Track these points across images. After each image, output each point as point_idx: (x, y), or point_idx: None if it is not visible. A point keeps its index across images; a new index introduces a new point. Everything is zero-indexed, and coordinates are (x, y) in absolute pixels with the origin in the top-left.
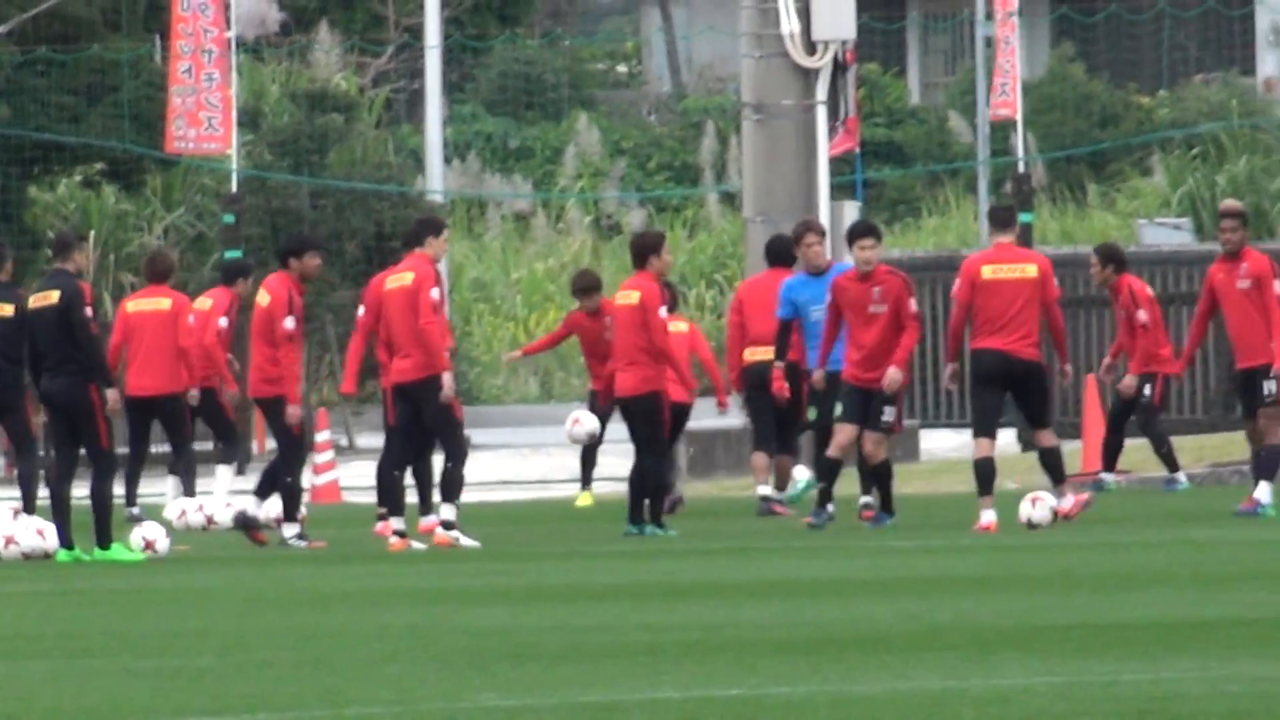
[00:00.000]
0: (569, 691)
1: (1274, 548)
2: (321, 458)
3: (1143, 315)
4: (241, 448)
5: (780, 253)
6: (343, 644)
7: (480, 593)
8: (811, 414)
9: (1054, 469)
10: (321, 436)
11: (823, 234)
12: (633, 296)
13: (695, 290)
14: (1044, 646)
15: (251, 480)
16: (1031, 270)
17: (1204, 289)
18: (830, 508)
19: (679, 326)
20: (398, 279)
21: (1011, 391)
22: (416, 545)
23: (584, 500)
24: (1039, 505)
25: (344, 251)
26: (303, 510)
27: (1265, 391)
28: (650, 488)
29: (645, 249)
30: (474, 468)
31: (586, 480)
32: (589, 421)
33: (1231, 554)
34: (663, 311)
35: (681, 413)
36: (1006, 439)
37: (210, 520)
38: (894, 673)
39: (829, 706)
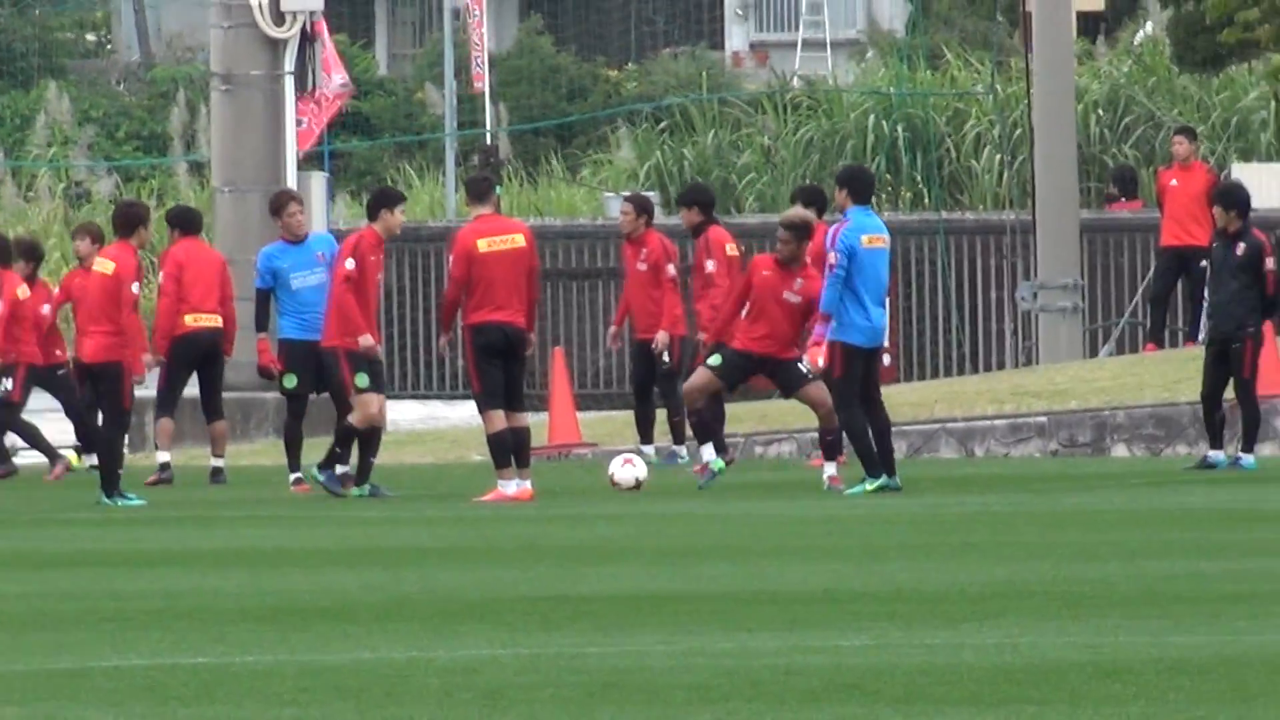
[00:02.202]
0: (37, 658)
1: (736, 522)
2: None
3: (671, 269)
4: None
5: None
6: None
7: None
8: (289, 382)
9: (522, 450)
10: None
11: (302, 203)
12: (108, 266)
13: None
14: (509, 618)
15: None
16: (521, 240)
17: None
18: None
19: None
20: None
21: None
22: None
23: None
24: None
25: None
26: None
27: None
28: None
29: (133, 220)
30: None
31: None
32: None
33: (695, 527)
34: (136, 287)
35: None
36: (471, 410)
37: None
38: (359, 643)
39: (295, 676)
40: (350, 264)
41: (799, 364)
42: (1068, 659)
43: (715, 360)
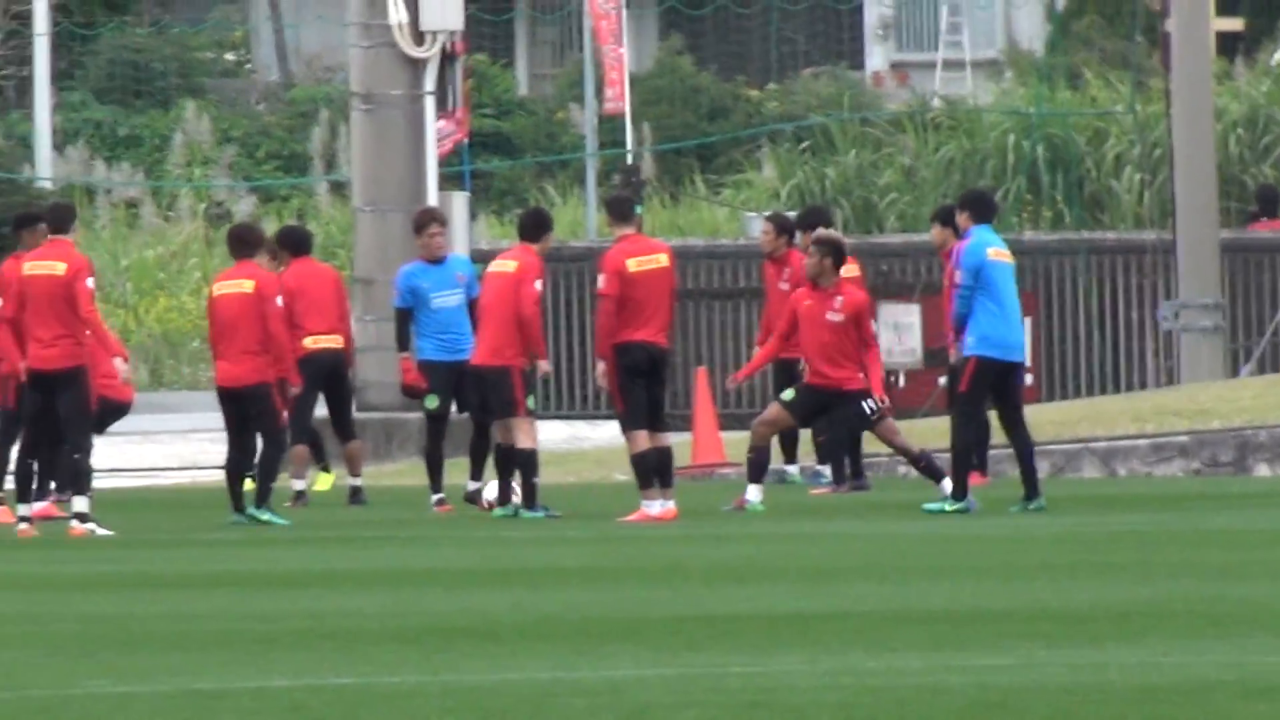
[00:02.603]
0: (179, 679)
1: (882, 541)
2: None
3: None
4: None
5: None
6: None
7: (91, 580)
8: (431, 403)
9: (665, 470)
10: None
11: (445, 223)
12: (247, 286)
13: None
14: (654, 638)
15: None
16: (665, 260)
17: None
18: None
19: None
20: (45, 266)
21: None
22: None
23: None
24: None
25: None
26: None
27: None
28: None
29: (255, 242)
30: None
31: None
32: None
33: (839, 547)
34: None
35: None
36: (615, 431)
37: None
38: (503, 663)
39: (439, 695)
40: (539, 285)
41: (865, 403)
42: (1213, 678)
43: (789, 395)
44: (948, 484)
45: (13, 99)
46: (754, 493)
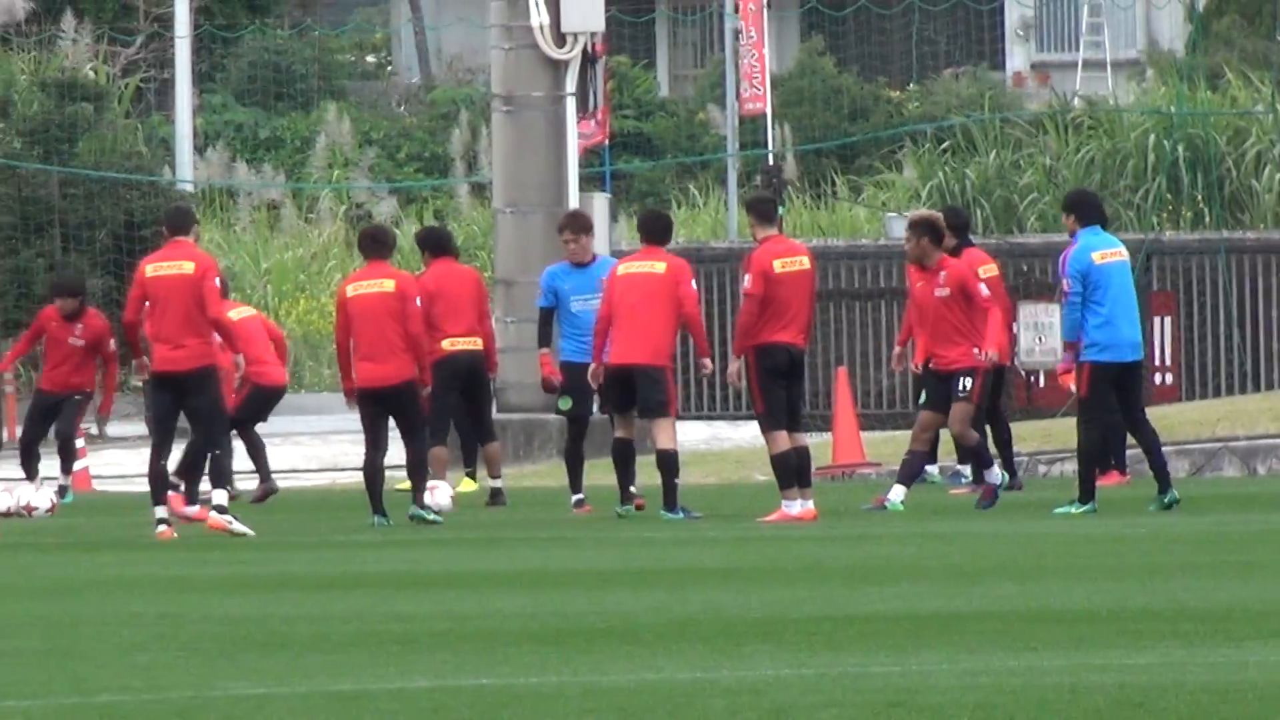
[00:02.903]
0: (319, 680)
1: (1021, 541)
2: None
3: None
4: None
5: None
6: (92, 632)
7: (230, 581)
8: (565, 404)
9: (805, 470)
10: None
11: (585, 230)
12: (389, 285)
13: None
14: (794, 638)
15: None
16: (807, 262)
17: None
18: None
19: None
20: (174, 266)
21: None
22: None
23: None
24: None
25: (94, 240)
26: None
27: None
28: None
29: (391, 243)
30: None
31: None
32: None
33: (979, 547)
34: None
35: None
36: (754, 431)
37: None
38: (643, 663)
39: (579, 697)
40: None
41: (963, 379)
42: None
43: (924, 398)
44: (995, 473)
45: (153, 102)
46: (897, 493)
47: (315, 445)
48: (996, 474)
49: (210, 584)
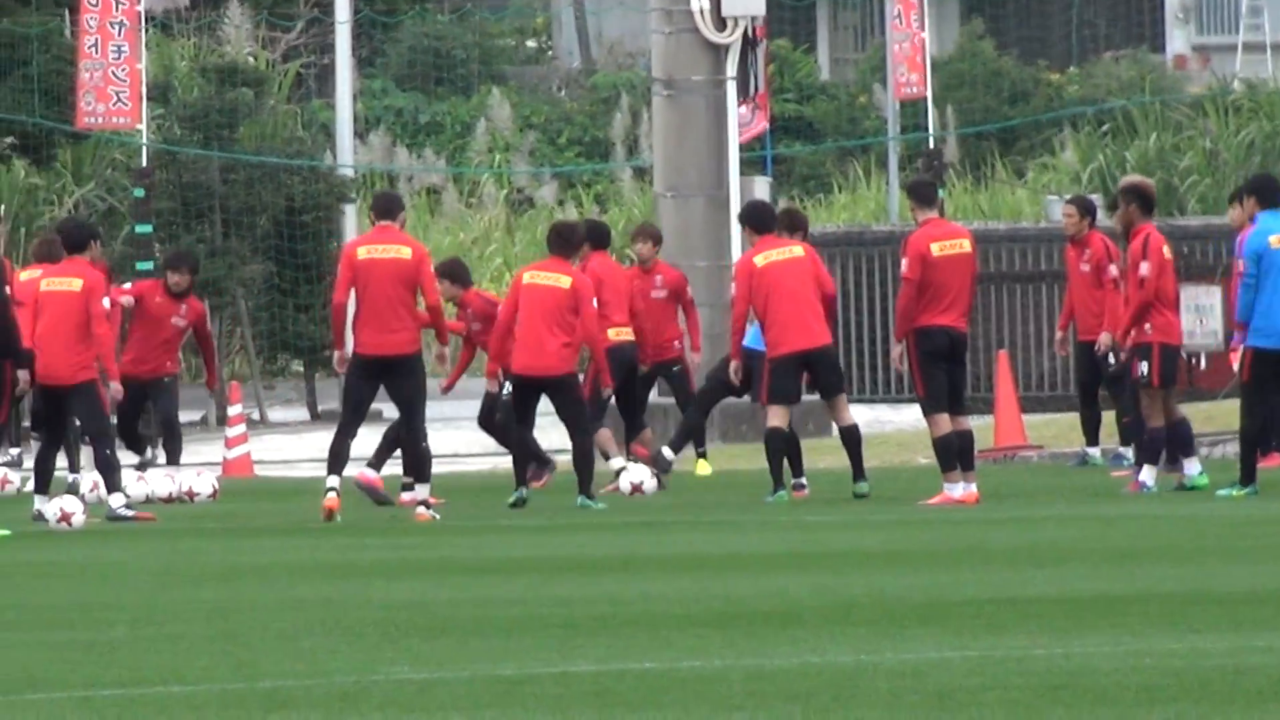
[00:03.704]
0: (482, 665)
1: (1182, 523)
2: (233, 431)
3: (1114, 270)
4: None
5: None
6: (255, 617)
7: (393, 566)
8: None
9: (967, 453)
10: (233, 410)
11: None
12: (564, 281)
13: None
14: (956, 621)
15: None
16: (967, 245)
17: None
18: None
19: None
20: (390, 250)
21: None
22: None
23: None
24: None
25: (254, 226)
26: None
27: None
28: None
29: (580, 240)
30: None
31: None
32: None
33: (1141, 529)
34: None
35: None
36: (916, 415)
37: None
38: (807, 646)
39: (743, 680)
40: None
41: (1140, 363)
42: None
43: (1144, 370)
44: (1191, 464)
45: (313, 87)
46: (1148, 475)
47: (477, 430)
48: (1150, 476)
49: (373, 569)
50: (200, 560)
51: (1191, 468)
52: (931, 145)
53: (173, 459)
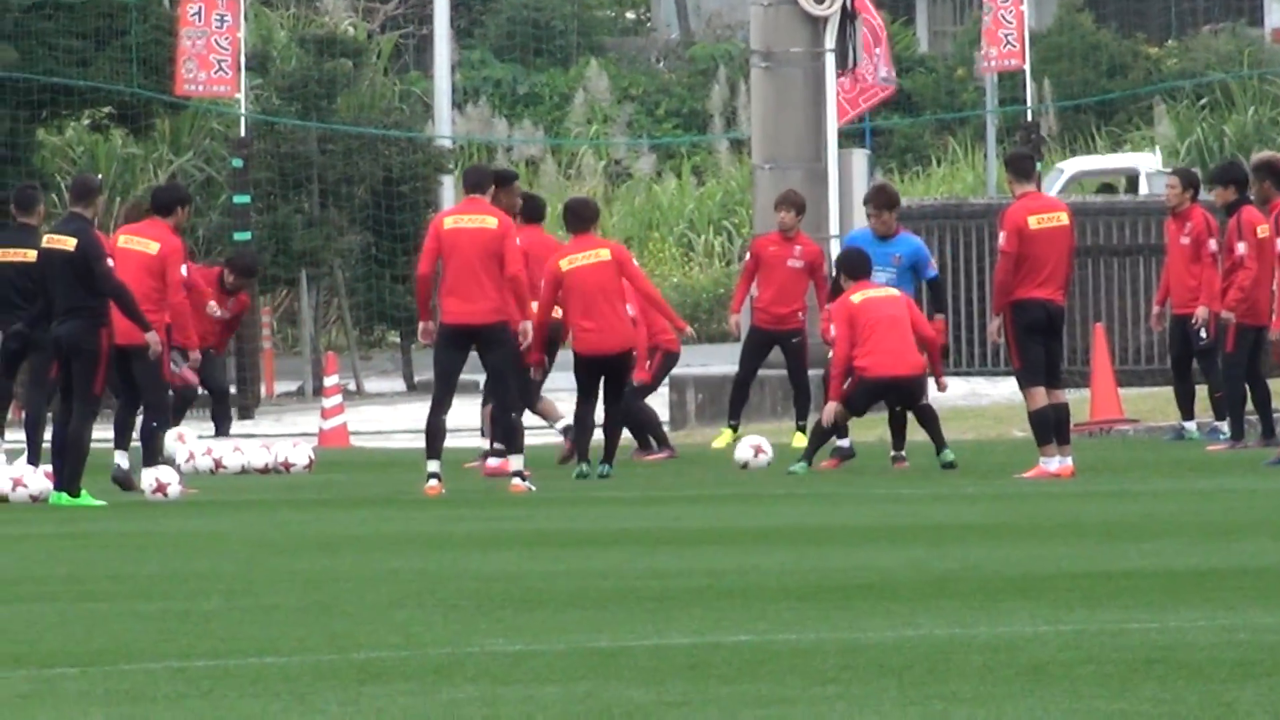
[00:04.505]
0: (576, 637)
1: (1278, 498)
2: (329, 402)
3: (1213, 244)
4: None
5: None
6: (350, 588)
7: (488, 538)
8: None
9: (1063, 427)
10: (330, 381)
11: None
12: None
13: (704, 237)
14: (1051, 595)
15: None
16: (1065, 218)
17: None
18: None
19: None
20: (476, 220)
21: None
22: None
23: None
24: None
25: (352, 196)
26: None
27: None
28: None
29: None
30: (468, 413)
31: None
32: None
33: (1237, 504)
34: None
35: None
36: (1012, 388)
37: (218, 464)
38: (902, 620)
39: (837, 653)
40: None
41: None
42: None
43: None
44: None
45: (411, 58)
46: None
47: (564, 402)
48: None
49: (467, 540)
50: (295, 531)
51: None
52: (1029, 118)
53: (221, 429)
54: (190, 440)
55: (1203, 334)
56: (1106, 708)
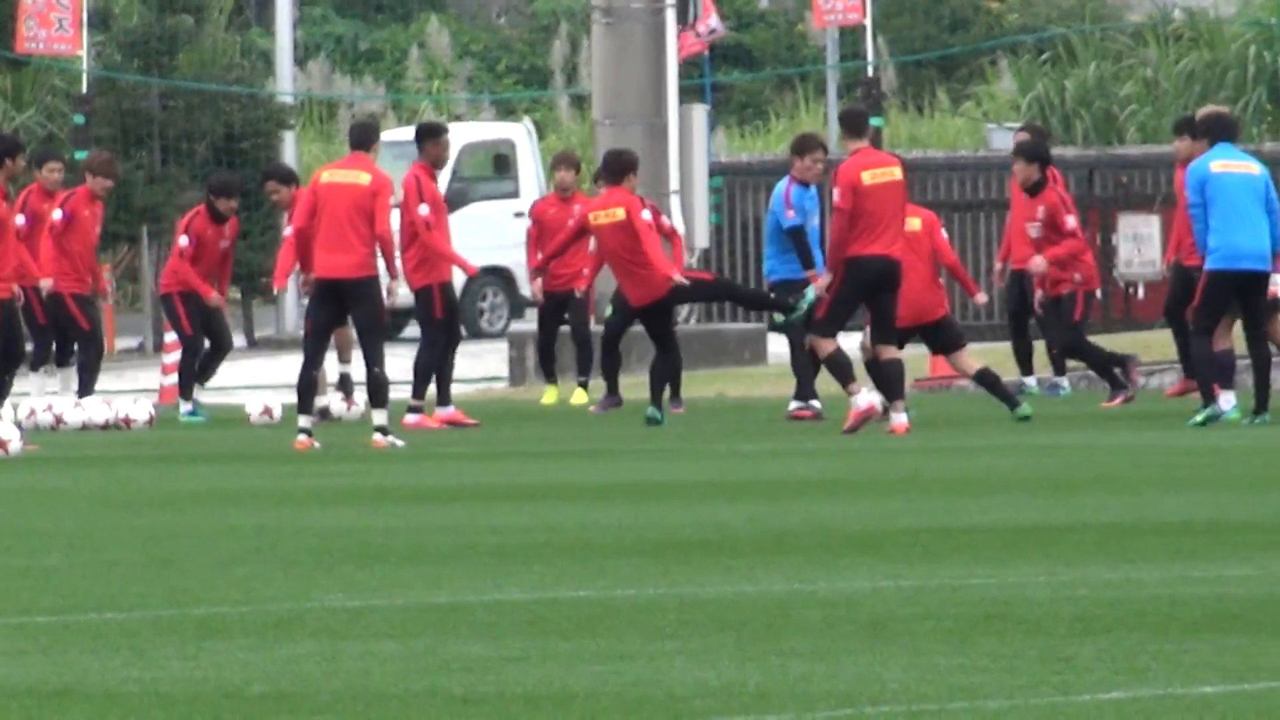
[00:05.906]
0: (415, 592)
1: (1119, 453)
2: (170, 358)
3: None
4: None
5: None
6: (190, 544)
7: (327, 494)
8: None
9: (897, 382)
10: (170, 337)
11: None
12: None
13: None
14: (891, 550)
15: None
16: (898, 173)
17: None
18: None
19: None
20: (350, 175)
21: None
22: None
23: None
24: None
25: (193, 153)
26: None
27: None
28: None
29: (626, 167)
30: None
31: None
32: None
33: (1077, 459)
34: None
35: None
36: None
37: (59, 420)
38: (741, 575)
39: (676, 609)
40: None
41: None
42: None
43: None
44: (1228, 399)
45: (254, 15)
46: (1225, 400)
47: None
48: (1228, 401)
49: (307, 496)
50: (136, 487)
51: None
52: (870, 74)
53: (204, 377)
54: (33, 397)
55: (1038, 290)
56: (946, 663)
